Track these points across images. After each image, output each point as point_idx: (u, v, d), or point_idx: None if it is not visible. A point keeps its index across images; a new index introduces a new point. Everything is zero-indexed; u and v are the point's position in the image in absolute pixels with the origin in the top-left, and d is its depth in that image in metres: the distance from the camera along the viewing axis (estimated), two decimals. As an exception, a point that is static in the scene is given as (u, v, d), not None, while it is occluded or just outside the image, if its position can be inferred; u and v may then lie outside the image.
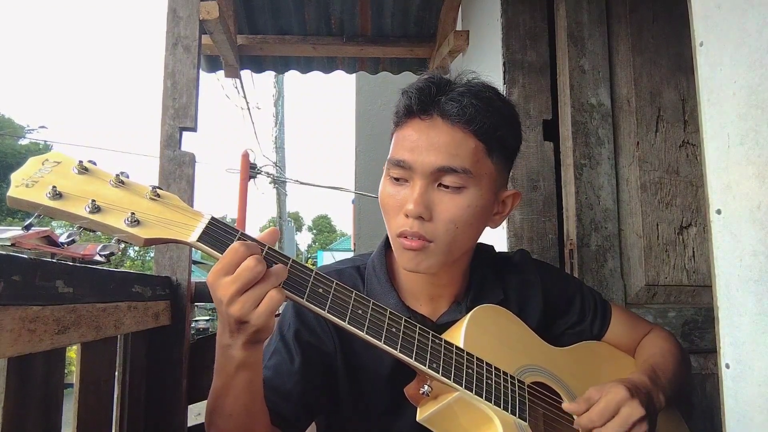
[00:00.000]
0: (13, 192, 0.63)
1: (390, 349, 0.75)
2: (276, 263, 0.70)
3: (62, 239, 0.65)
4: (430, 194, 0.84)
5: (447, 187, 0.84)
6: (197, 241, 0.69)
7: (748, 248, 0.70)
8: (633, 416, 0.80)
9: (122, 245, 0.68)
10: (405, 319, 0.78)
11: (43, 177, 0.65)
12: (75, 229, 0.65)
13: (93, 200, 0.65)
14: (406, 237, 0.84)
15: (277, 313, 0.71)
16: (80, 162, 0.68)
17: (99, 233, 0.68)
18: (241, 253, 0.67)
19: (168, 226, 0.68)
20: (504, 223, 1.70)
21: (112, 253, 0.67)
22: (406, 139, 0.86)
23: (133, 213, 0.66)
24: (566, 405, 0.85)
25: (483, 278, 0.99)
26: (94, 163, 0.69)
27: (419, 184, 0.84)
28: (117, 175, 0.68)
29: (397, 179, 0.87)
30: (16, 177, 0.65)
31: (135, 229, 0.66)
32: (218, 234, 0.69)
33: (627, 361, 1.06)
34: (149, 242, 0.67)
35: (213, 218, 0.71)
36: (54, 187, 0.64)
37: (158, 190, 0.69)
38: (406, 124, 0.88)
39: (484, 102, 0.87)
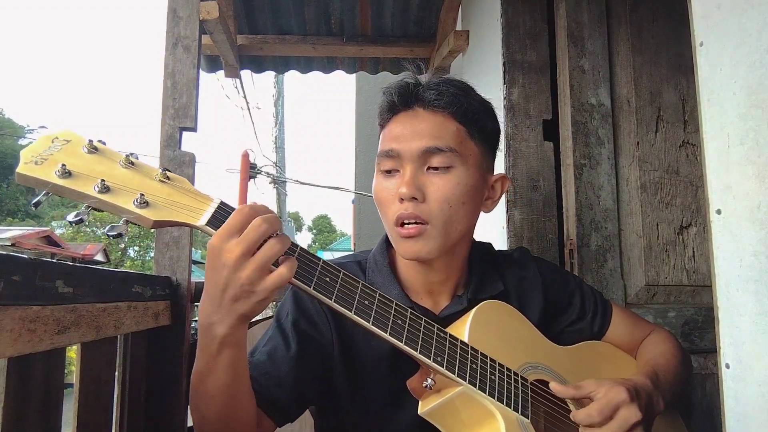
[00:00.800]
0: (22, 168, 0.62)
1: (395, 341, 0.74)
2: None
3: (70, 218, 0.64)
4: (420, 178, 0.87)
5: (436, 168, 0.88)
6: (206, 224, 0.68)
7: (748, 248, 0.70)
8: (630, 420, 0.80)
9: (129, 227, 0.67)
10: (411, 311, 0.78)
11: (52, 155, 0.64)
12: (83, 209, 0.64)
13: (102, 180, 0.64)
14: (403, 225, 0.87)
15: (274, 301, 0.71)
16: (90, 141, 0.67)
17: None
18: (247, 213, 0.66)
19: (177, 209, 0.67)
20: (504, 223, 1.70)
21: (120, 234, 0.66)
22: (392, 132, 0.91)
23: (142, 194, 0.65)
24: (554, 385, 0.84)
25: (482, 272, 0.99)
26: (104, 143, 0.68)
27: (409, 168, 0.88)
28: (127, 156, 0.68)
29: (388, 171, 0.91)
30: (25, 154, 0.64)
31: (144, 211, 0.65)
32: (227, 218, 0.68)
33: (629, 362, 1.06)
34: (158, 224, 0.66)
35: (222, 202, 0.70)
36: (63, 165, 0.63)
37: (168, 173, 0.69)
38: (390, 121, 0.93)
39: (460, 90, 0.93)
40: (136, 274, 1.21)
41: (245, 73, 3.06)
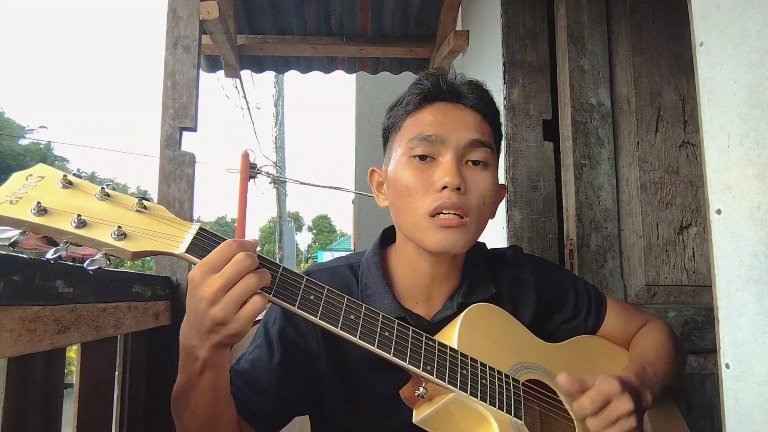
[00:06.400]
0: None
1: (384, 353, 0.75)
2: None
3: (49, 255, 0.64)
4: (461, 169, 0.87)
5: (476, 163, 0.88)
6: (186, 252, 0.68)
7: (748, 248, 0.70)
8: (623, 409, 0.80)
9: (109, 259, 0.67)
10: (398, 322, 0.78)
11: (27, 193, 0.64)
12: (62, 245, 0.64)
13: (78, 215, 0.64)
14: (442, 214, 0.84)
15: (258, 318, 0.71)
16: (65, 176, 0.67)
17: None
18: (234, 249, 0.67)
19: (155, 238, 0.67)
20: (504, 223, 1.70)
21: (99, 268, 0.66)
22: (433, 118, 0.90)
23: (119, 226, 0.65)
24: (561, 378, 0.82)
25: (475, 274, 0.98)
26: (80, 176, 0.68)
27: (451, 157, 0.86)
28: (102, 188, 0.67)
29: (422, 157, 0.87)
30: None
31: (122, 243, 0.65)
32: (207, 244, 0.69)
33: (621, 356, 1.06)
34: (137, 255, 0.66)
35: (201, 228, 0.70)
36: (38, 202, 0.63)
37: (144, 202, 0.69)
38: (424, 109, 0.91)
39: (489, 96, 0.95)
40: (136, 274, 1.21)
41: (245, 73, 3.06)
